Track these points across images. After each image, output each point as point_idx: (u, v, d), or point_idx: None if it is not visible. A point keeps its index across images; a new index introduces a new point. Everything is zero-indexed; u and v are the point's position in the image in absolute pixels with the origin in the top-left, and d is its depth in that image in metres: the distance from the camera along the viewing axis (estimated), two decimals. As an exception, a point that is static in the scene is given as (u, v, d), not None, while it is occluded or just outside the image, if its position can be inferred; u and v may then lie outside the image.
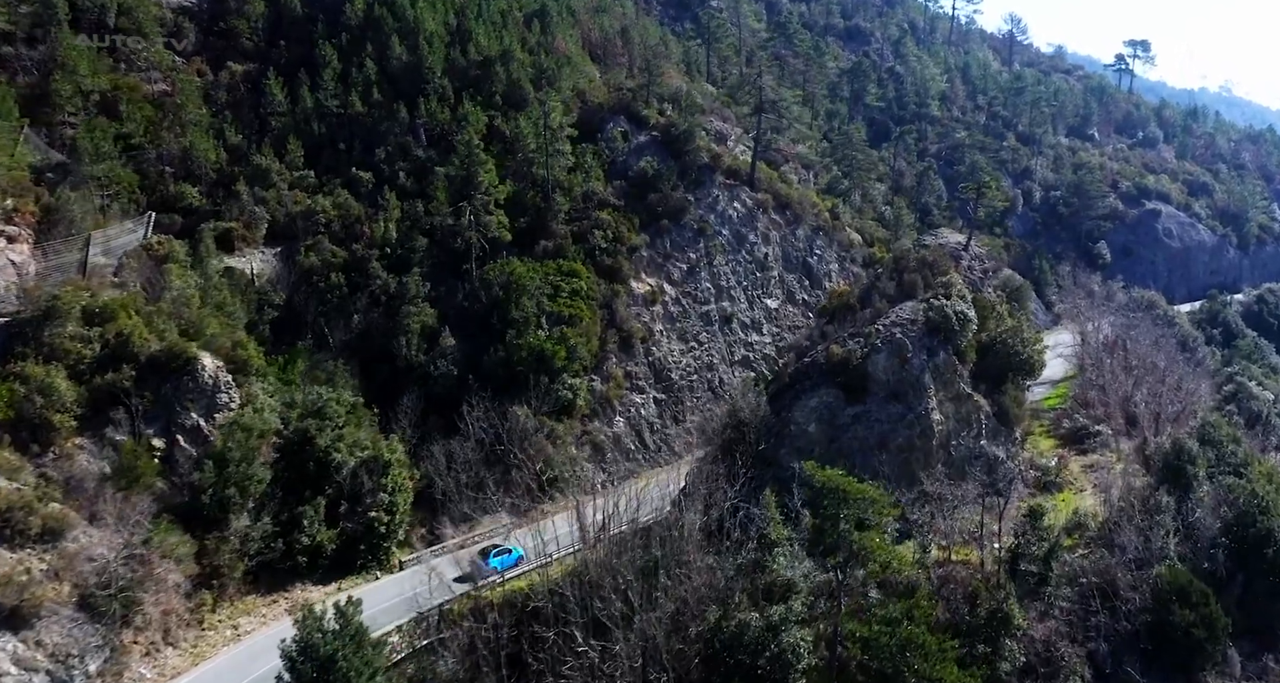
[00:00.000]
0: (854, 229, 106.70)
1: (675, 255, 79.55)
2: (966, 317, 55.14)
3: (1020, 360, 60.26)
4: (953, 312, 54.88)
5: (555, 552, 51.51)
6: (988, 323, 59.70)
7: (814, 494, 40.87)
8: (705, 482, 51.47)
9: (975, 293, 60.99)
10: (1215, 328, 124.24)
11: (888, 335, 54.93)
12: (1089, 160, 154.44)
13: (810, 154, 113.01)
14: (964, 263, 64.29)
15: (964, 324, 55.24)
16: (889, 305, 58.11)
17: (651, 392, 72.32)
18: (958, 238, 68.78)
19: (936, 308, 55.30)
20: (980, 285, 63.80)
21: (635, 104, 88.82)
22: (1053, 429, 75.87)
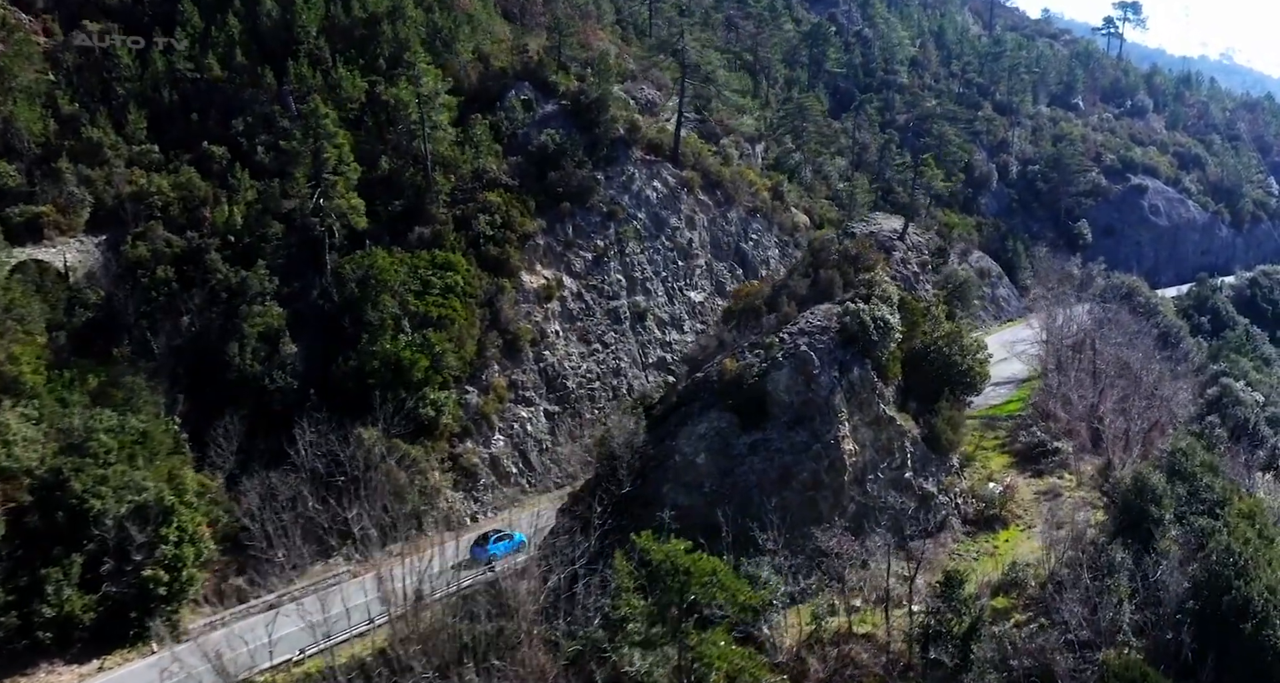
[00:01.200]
0: (801, 210, 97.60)
1: (579, 243, 70.30)
2: (887, 324, 46.15)
3: (958, 373, 51.45)
4: (870, 318, 45.89)
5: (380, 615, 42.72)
6: (919, 329, 50.74)
7: (650, 574, 31.98)
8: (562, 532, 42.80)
9: (906, 293, 51.96)
10: (1203, 315, 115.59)
11: (791, 348, 45.95)
12: (1071, 131, 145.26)
13: (756, 126, 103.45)
14: (897, 255, 55.17)
15: (885, 333, 46.27)
16: (798, 309, 49.04)
17: (542, 403, 63.32)
18: (895, 224, 59.58)
19: (852, 313, 46.26)
20: (915, 282, 54.73)
21: (544, 69, 79.09)
22: (1008, 442, 67.25)
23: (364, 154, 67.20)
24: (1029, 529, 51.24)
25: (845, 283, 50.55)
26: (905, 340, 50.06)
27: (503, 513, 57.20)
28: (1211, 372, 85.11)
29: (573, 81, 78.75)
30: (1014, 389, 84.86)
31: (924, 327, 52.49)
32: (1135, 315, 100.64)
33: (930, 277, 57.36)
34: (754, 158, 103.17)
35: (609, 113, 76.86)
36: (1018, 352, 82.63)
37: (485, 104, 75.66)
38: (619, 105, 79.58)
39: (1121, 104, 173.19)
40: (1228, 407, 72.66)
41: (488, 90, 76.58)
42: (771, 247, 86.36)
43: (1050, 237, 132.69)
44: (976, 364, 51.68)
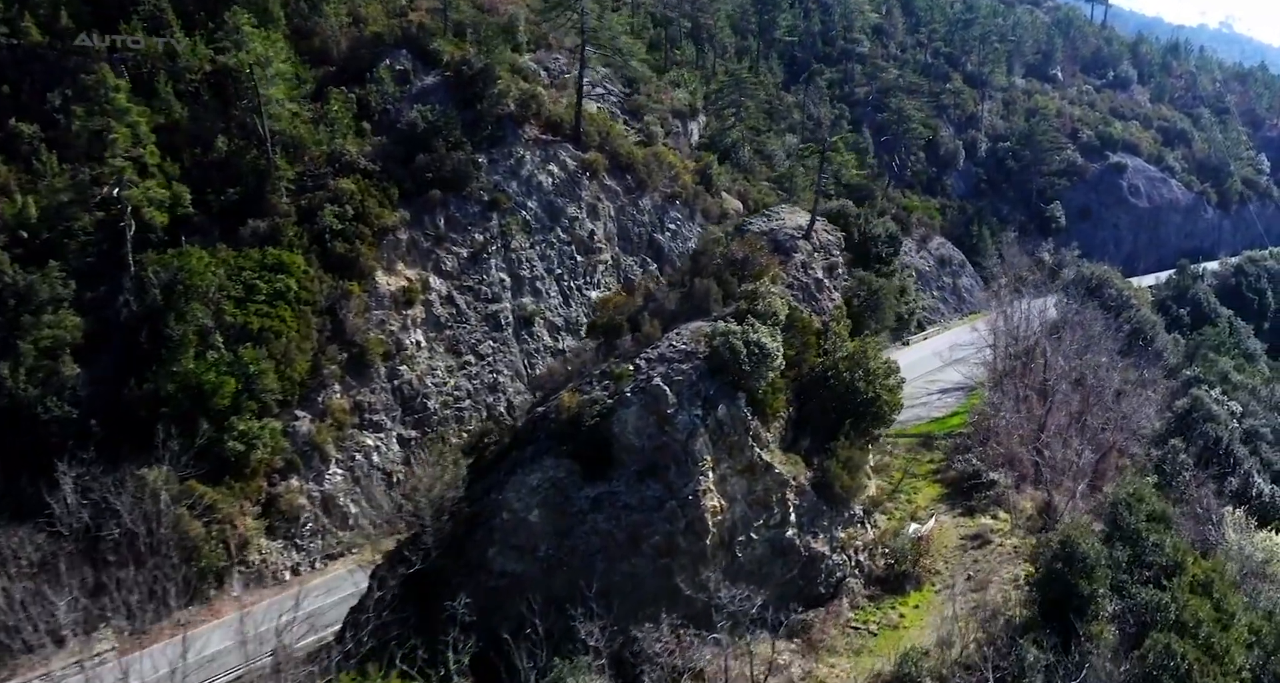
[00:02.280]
0: (734, 195, 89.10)
1: (452, 237, 61.76)
2: (763, 350, 37.84)
3: (862, 403, 43.22)
4: (743, 342, 37.59)
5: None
6: (811, 351, 42.46)
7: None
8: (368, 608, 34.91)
9: (800, 307, 43.65)
10: (1183, 307, 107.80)
11: (643, 380, 37.63)
12: (1045, 105, 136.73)
13: (690, 100, 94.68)
14: (798, 258, 46.82)
15: (760, 361, 37.99)
16: (666, 327, 40.74)
17: (395, 428, 55.00)
18: (800, 220, 51.25)
19: (721, 336, 37.95)
20: (818, 291, 46.40)
21: (426, 35, 70.12)
22: (943, 470, 59.36)
23: (198, 134, 58.59)
24: (947, 589, 43.27)
25: (726, 294, 42.21)
26: (795, 365, 41.78)
27: (334, 564, 49.05)
28: (1184, 378, 77.23)
29: (455, 49, 69.83)
30: (963, 398, 77.06)
31: (824, 346, 44.25)
32: (1105, 310, 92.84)
33: (839, 283, 49.00)
34: (685, 136, 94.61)
35: (496, 86, 67.97)
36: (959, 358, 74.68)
37: (356, 76, 66.85)
38: (512, 78, 70.75)
39: (1104, 75, 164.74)
40: (1198, 422, 64.77)
41: (359, 60, 67.71)
42: (693, 238, 77.75)
43: (1021, 220, 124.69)
44: (885, 392, 43.44)
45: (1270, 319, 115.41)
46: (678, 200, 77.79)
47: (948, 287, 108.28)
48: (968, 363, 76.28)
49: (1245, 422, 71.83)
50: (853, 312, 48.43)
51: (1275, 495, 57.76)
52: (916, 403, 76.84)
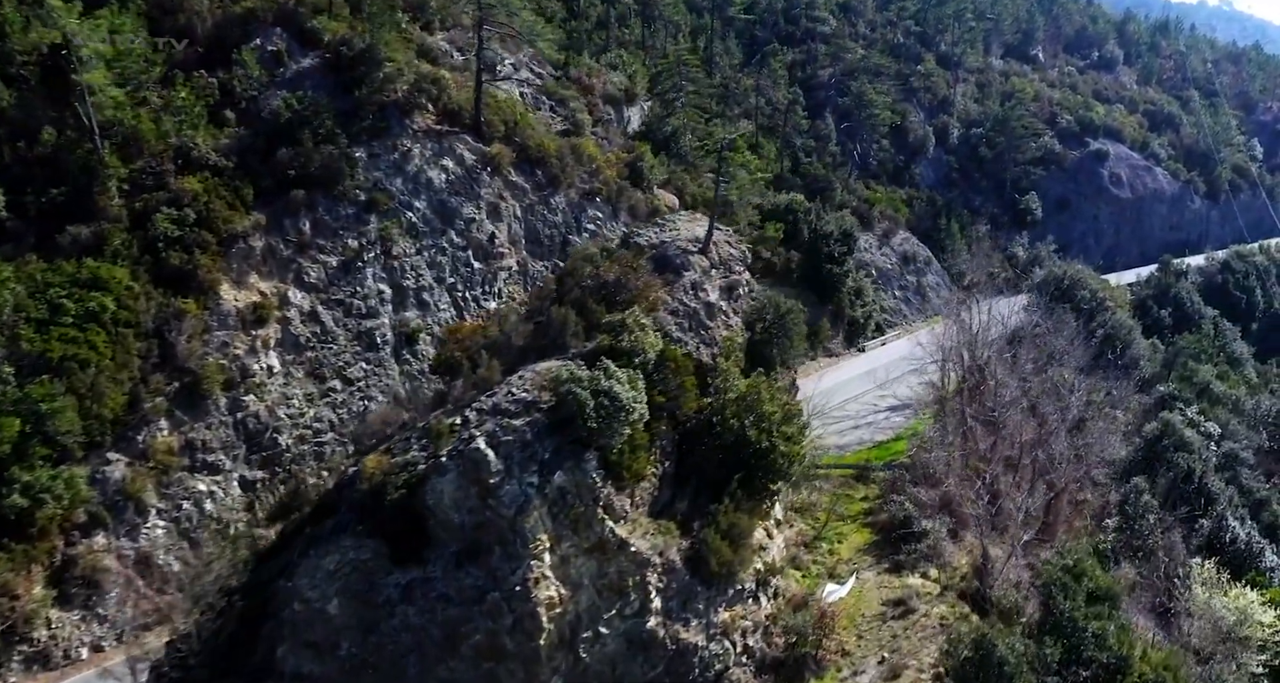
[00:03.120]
0: (671, 189, 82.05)
1: (319, 244, 54.76)
2: (616, 402, 31.07)
3: (754, 456, 36.47)
4: (590, 393, 30.77)
5: None
6: (689, 395, 35.68)
7: None
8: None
9: (685, 338, 36.85)
10: (1164, 308, 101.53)
11: (464, 440, 30.82)
12: (1022, 88, 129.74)
13: (625, 84, 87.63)
14: (688, 277, 39.97)
15: (612, 416, 31.23)
16: (506, 369, 33.93)
17: (237, 469, 48.15)
18: (698, 230, 44.36)
19: (566, 384, 31.14)
20: (710, 317, 39.58)
21: (306, 11, 62.80)
22: (877, 510, 52.85)
23: (25, 124, 51.39)
24: (854, 678, 36.72)
25: (588, 326, 35.35)
26: (670, 412, 34.99)
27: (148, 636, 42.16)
28: (1158, 395, 70.80)
29: (337, 27, 62.57)
30: (915, 415, 70.45)
31: (713, 384, 37.48)
32: (1077, 314, 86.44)
33: (741, 304, 42.19)
34: (621, 124, 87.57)
35: (383, 69, 60.75)
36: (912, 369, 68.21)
37: (223, 58, 59.53)
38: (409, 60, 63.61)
39: (1088, 56, 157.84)
40: (1168, 451, 58.33)
41: (228, 39, 60.34)
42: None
43: (993, 212, 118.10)
44: (782, 441, 36.66)
45: (1259, 319, 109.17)
46: (598, 197, 70.77)
47: (911, 286, 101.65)
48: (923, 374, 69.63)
49: (1224, 445, 65.68)
50: (755, 340, 41.54)
51: (1251, 541, 51.32)
52: (862, 422, 70.55)
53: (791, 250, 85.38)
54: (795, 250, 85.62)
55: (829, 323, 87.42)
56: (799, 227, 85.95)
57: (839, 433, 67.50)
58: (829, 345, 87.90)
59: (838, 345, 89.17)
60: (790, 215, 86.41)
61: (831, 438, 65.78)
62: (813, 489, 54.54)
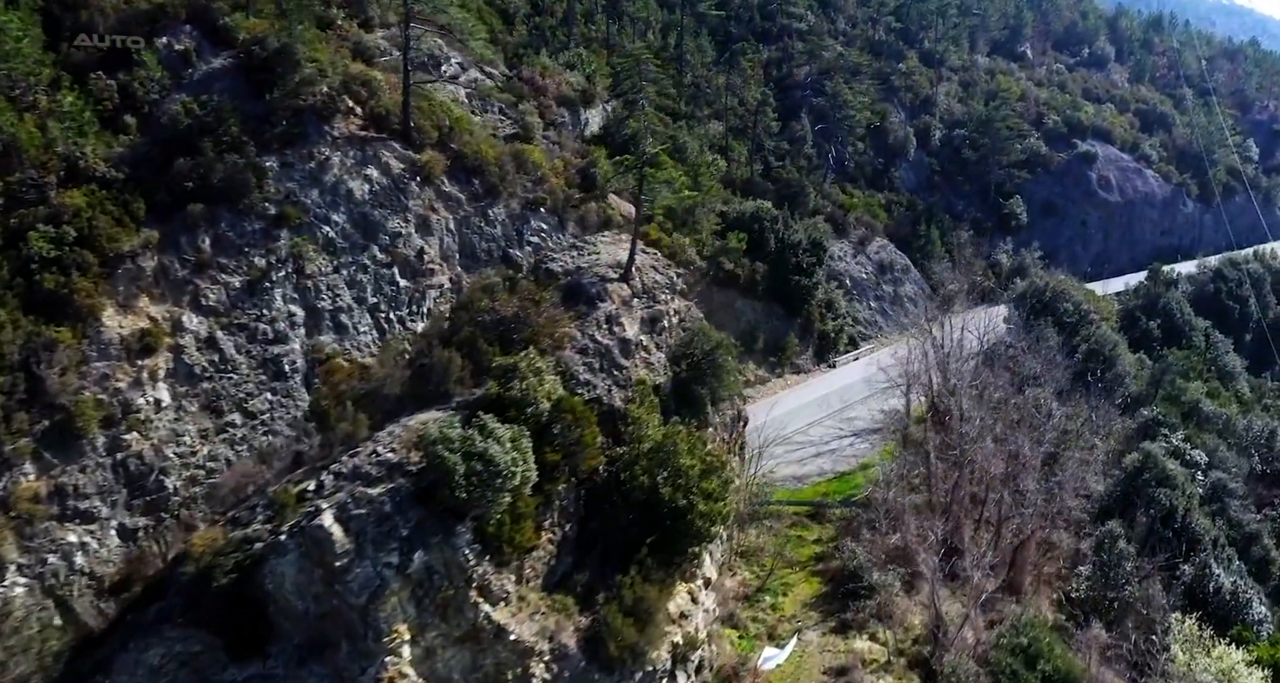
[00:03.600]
0: (626, 197, 77.67)
1: (221, 262, 50.17)
2: (491, 467, 26.77)
3: (667, 516, 32.19)
4: (461, 456, 26.45)
5: None
6: (590, 451, 31.41)
7: None
8: None
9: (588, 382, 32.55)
10: (1153, 319, 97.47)
11: (309, 514, 26.48)
12: (1008, 87, 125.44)
13: (582, 84, 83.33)
14: (604, 309, 35.69)
15: (486, 483, 26.86)
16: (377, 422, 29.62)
17: (116, 516, 43.52)
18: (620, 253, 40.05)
19: (434, 445, 26.81)
20: (627, 353, 35.29)
21: (219, 6, 58.26)
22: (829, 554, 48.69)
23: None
24: (783, 770, 32.50)
25: (477, 370, 31.04)
26: (571, 467, 30.70)
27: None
28: (1142, 419, 66.70)
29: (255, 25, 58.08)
30: (883, 441, 66.37)
31: (624, 433, 33.21)
32: (1060, 329, 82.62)
33: (667, 338, 37.91)
34: (577, 128, 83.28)
35: (301, 70, 56.28)
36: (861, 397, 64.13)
37: (126, 58, 55.07)
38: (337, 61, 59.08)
39: (1078, 53, 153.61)
40: (1149, 486, 54.17)
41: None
42: (563, 253, 66.57)
43: (976, 217, 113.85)
44: (700, 498, 32.37)
45: (1252, 330, 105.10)
46: (543, 207, 66.26)
47: (887, 296, 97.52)
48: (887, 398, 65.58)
49: (1211, 474, 61.56)
50: (681, 378, 37.24)
51: (1237, 591, 47.17)
52: (824, 449, 66.42)
53: (757, 261, 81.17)
54: (761, 261, 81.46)
55: (797, 338, 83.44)
56: (765, 236, 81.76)
57: (799, 462, 63.45)
58: (797, 361, 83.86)
59: (807, 361, 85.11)
60: (756, 224, 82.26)
61: (789, 468, 61.80)
62: (761, 531, 50.37)
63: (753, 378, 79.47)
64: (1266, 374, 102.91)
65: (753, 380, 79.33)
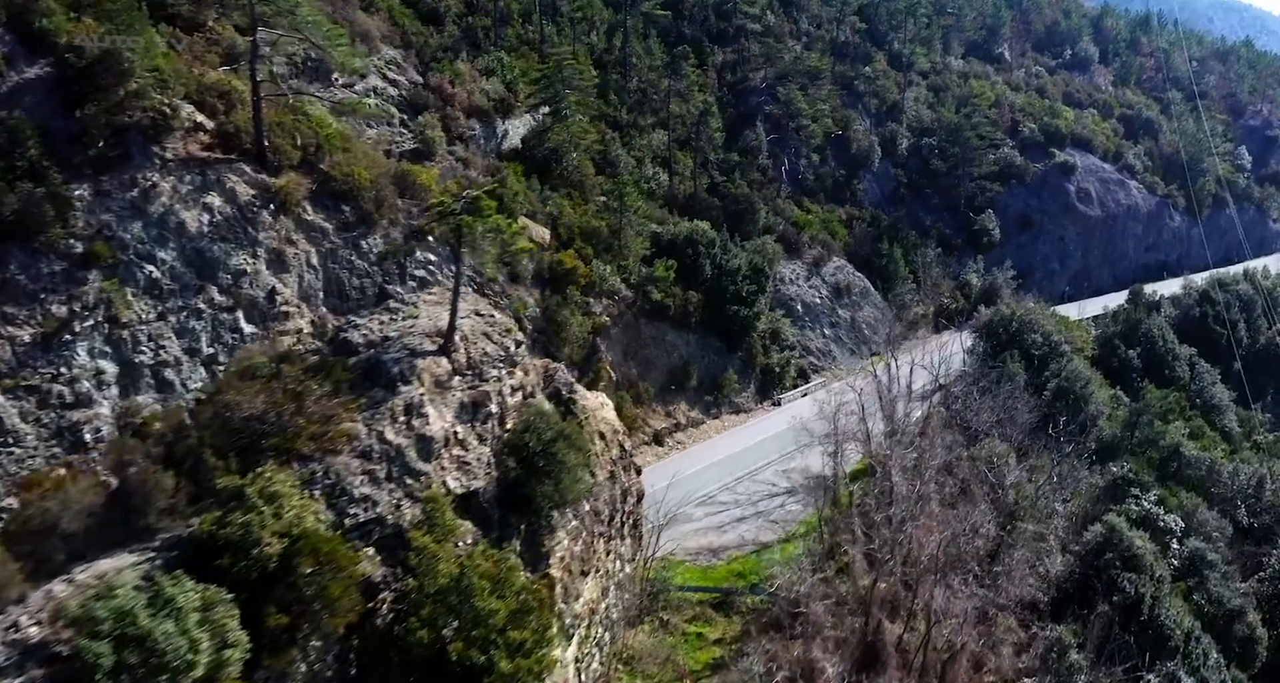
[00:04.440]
0: (545, 220, 70.43)
1: (8, 313, 42.59)
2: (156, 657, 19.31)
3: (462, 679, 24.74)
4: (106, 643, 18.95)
5: None
6: (344, 601, 24.01)
7: None
8: None
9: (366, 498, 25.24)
10: (1133, 347, 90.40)
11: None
12: (980, 92, 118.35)
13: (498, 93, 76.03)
14: (400, 399, 28.31)
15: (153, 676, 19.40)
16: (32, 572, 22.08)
17: None
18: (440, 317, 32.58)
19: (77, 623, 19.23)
20: (428, 455, 27.88)
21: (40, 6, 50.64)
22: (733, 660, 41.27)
23: None
24: None
25: (198, 494, 23.56)
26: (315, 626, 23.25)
27: None
28: (1110, 477, 59.62)
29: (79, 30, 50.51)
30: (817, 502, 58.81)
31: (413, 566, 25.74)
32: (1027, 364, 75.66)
33: (494, 428, 30.51)
34: (492, 141, 75.97)
35: (131, 81, 48.74)
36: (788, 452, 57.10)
37: (-75, 67, 47.56)
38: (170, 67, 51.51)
39: (1059, 54, 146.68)
40: (1113, 566, 46.99)
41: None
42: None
43: (946, 233, 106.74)
44: (503, 655, 25.00)
45: (1242, 358, 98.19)
46: (432, 236, 58.86)
47: (843, 323, 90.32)
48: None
49: (1188, 544, 54.34)
50: (511, 479, 29.85)
51: (1214, 710, 40.00)
52: (750, 510, 59.18)
53: (691, 290, 73.88)
54: (695, 290, 74.20)
55: (736, 374, 76.23)
56: (700, 261, 74.49)
57: (719, 528, 56.20)
58: (737, 400, 76.63)
59: (749, 399, 77.88)
60: (690, 248, 74.95)
61: (705, 537, 54.61)
62: (655, 628, 43.05)
63: (684, 420, 72.28)
64: (1257, 406, 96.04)
65: (684, 423, 72.14)
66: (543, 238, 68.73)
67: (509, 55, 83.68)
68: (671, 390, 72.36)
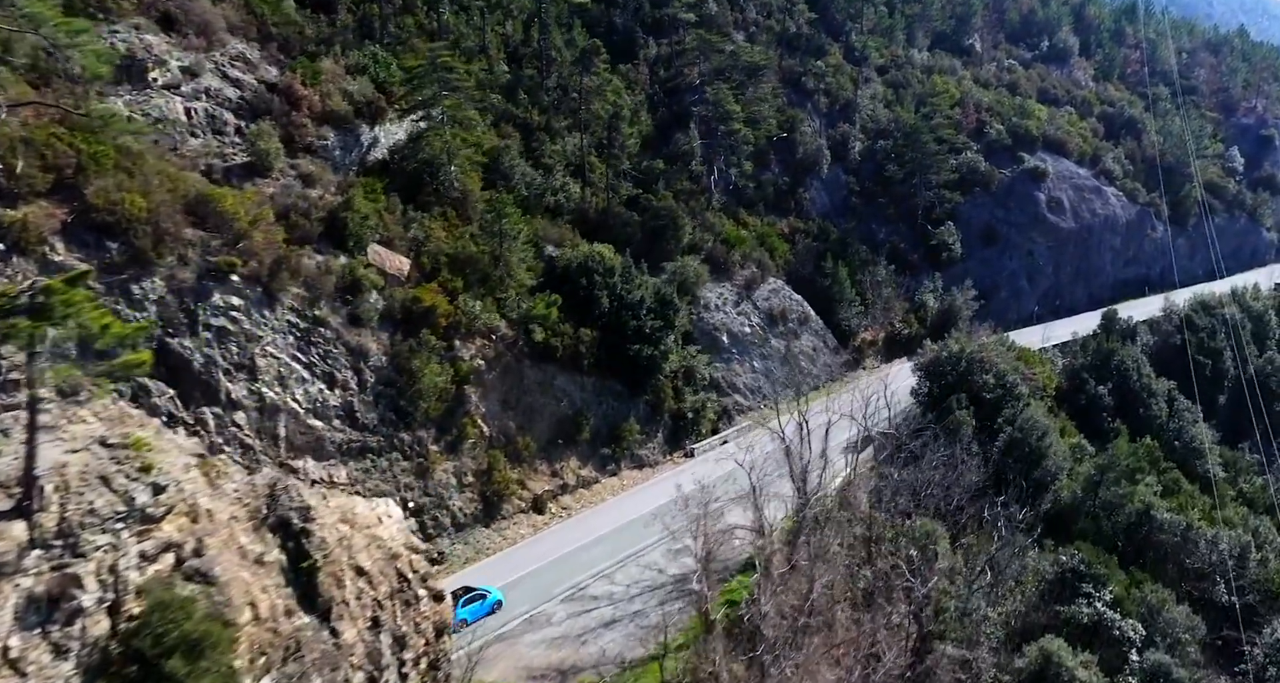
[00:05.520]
0: (405, 247, 60.66)
1: None
2: None
3: None
4: None
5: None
6: None
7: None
8: None
9: None
10: (1104, 383, 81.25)
11: None
12: (943, 89, 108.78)
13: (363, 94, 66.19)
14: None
15: None
16: None
17: None
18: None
19: None
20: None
21: None
22: None
23: None
24: None
25: None
26: None
27: None
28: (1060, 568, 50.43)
29: None
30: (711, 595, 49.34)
31: None
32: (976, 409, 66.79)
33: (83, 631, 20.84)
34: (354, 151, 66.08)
35: None
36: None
37: None
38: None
39: (1036, 46, 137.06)
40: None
41: None
42: (277, 342, 49.97)
43: (901, 247, 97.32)
44: None
45: (1228, 389, 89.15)
46: (235, 274, 49.32)
47: (776, 354, 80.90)
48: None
49: (1149, 656, 45.12)
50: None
51: None
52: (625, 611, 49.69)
53: (585, 327, 64.36)
54: (591, 327, 64.68)
55: (639, 422, 66.86)
56: (596, 293, 64.98)
57: (578, 637, 47.05)
58: (641, 452, 67.24)
59: (655, 451, 68.47)
60: (585, 277, 65.39)
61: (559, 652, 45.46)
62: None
63: (573, 480, 62.83)
64: (1244, 445, 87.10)
65: (573, 484, 62.67)
66: (400, 269, 59.05)
67: (397, 48, 73.71)
68: (559, 445, 62.86)
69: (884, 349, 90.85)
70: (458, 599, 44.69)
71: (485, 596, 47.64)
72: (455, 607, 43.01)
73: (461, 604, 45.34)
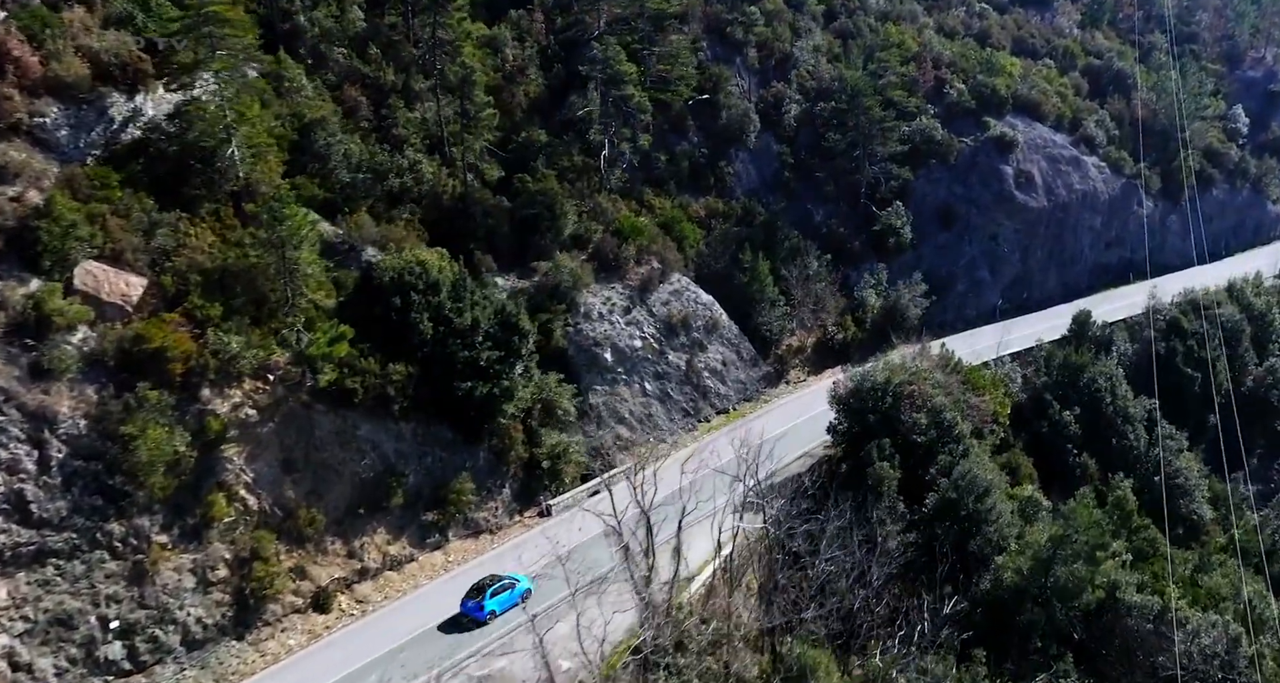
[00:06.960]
0: (142, 262, 46.77)
1: None
2: None
3: None
4: None
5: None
6: None
7: None
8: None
9: None
10: (1071, 406, 68.53)
11: None
12: (899, 40, 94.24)
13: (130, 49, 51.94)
14: None
15: None
16: None
17: None
18: None
19: None
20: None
21: None
22: None
23: None
24: None
25: None
26: None
27: None
28: None
29: None
30: None
31: None
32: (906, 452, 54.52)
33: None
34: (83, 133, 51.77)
35: None
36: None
37: None
38: None
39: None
40: None
41: None
42: None
43: (842, 232, 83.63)
44: None
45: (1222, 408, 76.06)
46: None
47: (674, 373, 67.74)
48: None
49: None
50: None
51: None
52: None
53: (397, 362, 50.91)
54: (409, 361, 51.32)
55: (475, 478, 53.94)
56: (411, 316, 51.45)
57: None
58: (477, 516, 54.35)
59: (499, 511, 55.66)
60: (400, 295, 51.82)
61: None
62: None
63: (379, 560, 49.98)
64: (1238, 476, 74.65)
65: (379, 566, 49.80)
66: (125, 294, 45.36)
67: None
68: (360, 516, 49.88)
69: (814, 358, 77.76)
70: (485, 590, 45.75)
71: (514, 584, 46.77)
72: (485, 597, 45.25)
73: (490, 595, 45.64)
